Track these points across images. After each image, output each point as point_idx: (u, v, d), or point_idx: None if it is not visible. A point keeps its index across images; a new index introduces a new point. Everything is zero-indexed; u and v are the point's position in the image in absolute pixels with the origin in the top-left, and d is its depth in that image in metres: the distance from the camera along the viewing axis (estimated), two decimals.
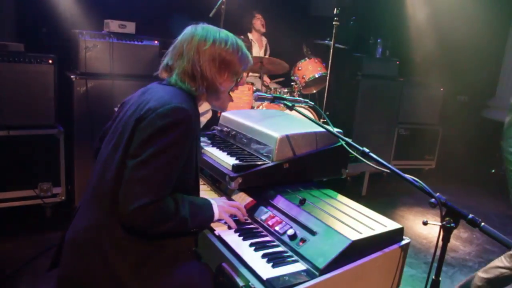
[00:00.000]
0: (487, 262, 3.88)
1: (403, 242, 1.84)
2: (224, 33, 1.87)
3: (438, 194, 1.62)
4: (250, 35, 5.73)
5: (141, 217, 1.53)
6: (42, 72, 3.75)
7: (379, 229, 1.76)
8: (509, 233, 4.63)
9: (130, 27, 4.22)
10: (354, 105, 5.44)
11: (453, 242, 4.24)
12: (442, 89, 6.37)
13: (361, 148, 1.84)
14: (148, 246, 1.65)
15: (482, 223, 1.53)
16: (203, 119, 1.94)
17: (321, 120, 4.09)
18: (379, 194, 5.47)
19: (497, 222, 4.93)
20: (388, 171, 1.73)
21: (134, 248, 1.63)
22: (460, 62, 6.71)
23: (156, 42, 4.30)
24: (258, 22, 5.69)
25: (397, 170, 1.70)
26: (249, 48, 5.60)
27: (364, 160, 1.83)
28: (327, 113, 4.68)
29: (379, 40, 5.74)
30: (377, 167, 1.80)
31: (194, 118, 1.67)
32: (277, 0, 6.33)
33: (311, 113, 4.67)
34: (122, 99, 1.95)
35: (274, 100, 2.20)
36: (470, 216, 1.55)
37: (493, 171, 6.26)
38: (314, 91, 5.49)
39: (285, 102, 2.16)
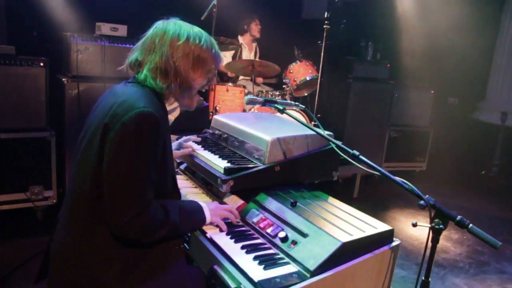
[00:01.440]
0: (477, 263, 3.94)
1: (393, 244, 1.86)
2: (197, 29, 1.83)
3: (427, 196, 1.64)
4: (240, 39, 5.75)
5: (133, 230, 1.54)
6: (33, 75, 3.73)
7: (369, 231, 1.78)
8: (498, 233, 4.68)
9: (122, 30, 4.22)
10: (345, 108, 5.48)
11: (444, 243, 4.28)
12: (432, 91, 6.43)
13: (351, 151, 1.86)
14: (134, 252, 1.64)
15: (470, 225, 1.56)
16: (171, 117, 1.91)
17: (312, 123, 4.12)
18: (371, 196, 5.51)
19: (487, 223, 4.98)
20: (378, 173, 1.75)
21: (119, 256, 1.62)
22: (450, 64, 6.77)
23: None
24: (257, 28, 5.72)
25: (387, 173, 1.72)
26: (239, 51, 5.61)
27: (354, 163, 1.85)
28: (318, 115, 4.71)
29: (370, 43, 5.78)
30: (367, 169, 1.82)
31: (161, 119, 1.63)
32: (269, 3, 6.36)
33: (303, 116, 4.69)
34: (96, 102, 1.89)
35: (266, 103, 2.21)
36: (459, 217, 1.57)
37: (483, 172, 6.33)
38: (306, 94, 5.52)
39: (276, 105, 2.18)
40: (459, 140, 6.83)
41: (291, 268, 1.64)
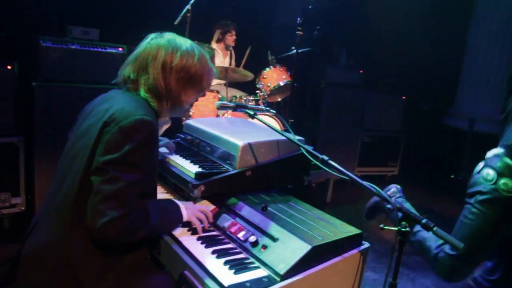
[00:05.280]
0: None
1: (363, 247, 1.89)
2: (190, 44, 1.83)
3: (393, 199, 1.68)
4: (214, 45, 5.73)
5: (112, 231, 1.54)
6: (1, 78, 3.64)
7: (338, 235, 1.80)
8: None
9: (94, 34, 4.15)
10: (319, 113, 5.53)
11: None
12: (404, 97, 6.56)
13: (320, 156, 1.88)
14: (107, 256, 1.65)
15: (435, 227, 1.60)
16: (162, 129, 1.96)
17: (284, 128, 4.15)
18: (344, 200, 5.56)
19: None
20: (347, 178, 1.77)
21: (96, 259, 1.63)
22: (422, 72, 6.94)
23: (120, 49, 4.24)
24: (231, 38, 5.74)
25: (355, 177, 1.75)
26: (212, 57, 5.60)
27: (324, 167, 1.87)
28: (292, 120, 4.74)
29: (343, 49, 5.86)
30: (337, 174, 1.84)
31: (155, 129, 1.67)
32: (243, 8, 6.39)
33: (277, 121, 4.71)
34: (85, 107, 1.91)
35: (237, 108, 2.22)
36: (424, 220, 1.61)
37: (452, 176, 6.48)
38: (279, 99, 5.54)
39: (247, 110, 2.19)
40: (430, 145, 6.99)
41: (262, 272, 1.64)
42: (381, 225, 1.67)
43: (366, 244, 1.91)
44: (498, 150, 2.36)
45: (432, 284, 3.67)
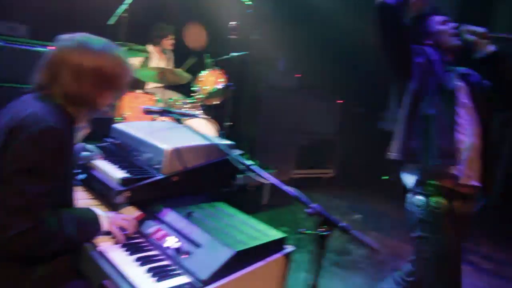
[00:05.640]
0: (376, 263, 4.20)
1: (286, 251, 1.93)
2: (103, 44, 1.76)
3: (316, 204, 1.73)
4: (150, 47, 5.62)
5: (20, 243, 1.47)
6: None
7: (262, 239, 1.83)
8: (395, 234, 5.00)
9: (21, 30, 3.96)
10: (257, 116, 5.59)
11: (346, 245, 4.47)
12: (341, 101, 6.77)
13: (243, 161, 1.89)
14: (20, 268, 1.58)
15: (351, 230, 1.66)
16: (80, 135, 1.88)
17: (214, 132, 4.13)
18: (280, 202, 5.62)
19: (388, 225, 5.31)
20: (268, 182, 1.80)
21: (7, 272, 1.56)
22: (358, 76, 7.19)
23: (51, 48, 4.06)
24: (168, 42, 5.66)
25: (275, 181, 1.78)
26: (148, 60, 5.48)
27: (248, 173, 1.89)
28: (230, 123, 4.76)
29: (281, 54, 5.96)
30: (260, 179, 1.86)
31: (66, 136, 1.62)
32: (183, 10, 6.32)
33: (213, 124, 4.70)
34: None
35: (163, 113, 2.19)
36: (341, 224, 1.68)
37: (386, 177, 6.76)
38: (217, 102, 5.50)
39: (173, 115, 2.17)
40: (364, 147, 7.25)
41: (184, 279, 1.64)
42: (299, 229, 1.71)
43: (290, 248, 1.95)
44: (413, 177, 2.43)
45: (363, 282, 3.82)
